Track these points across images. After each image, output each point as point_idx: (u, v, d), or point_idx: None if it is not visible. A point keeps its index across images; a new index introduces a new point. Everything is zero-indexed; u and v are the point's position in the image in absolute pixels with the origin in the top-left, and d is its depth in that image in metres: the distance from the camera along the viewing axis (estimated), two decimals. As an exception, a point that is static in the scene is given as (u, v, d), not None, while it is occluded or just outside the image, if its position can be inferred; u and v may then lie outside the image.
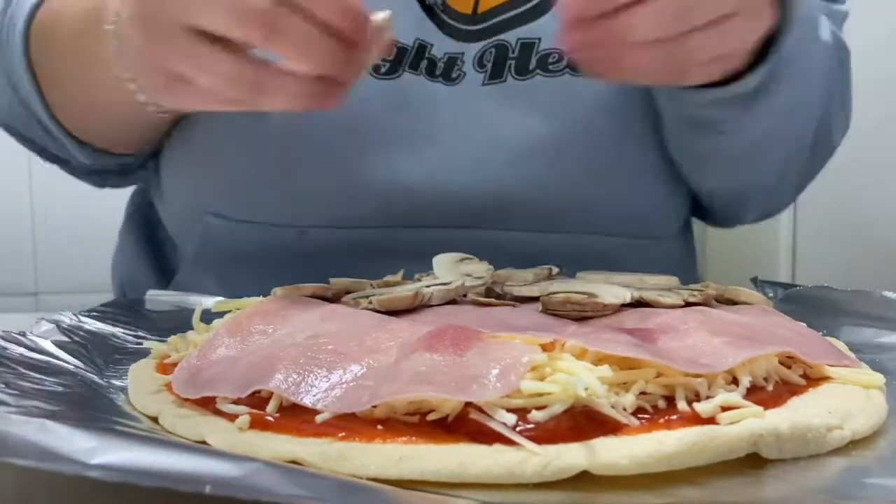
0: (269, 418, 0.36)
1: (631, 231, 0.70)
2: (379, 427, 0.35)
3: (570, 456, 0.32)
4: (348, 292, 0.50)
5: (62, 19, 0.61)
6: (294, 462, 0.33)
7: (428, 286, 0.49)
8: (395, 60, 0.65)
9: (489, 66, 0.66)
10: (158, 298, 0.64)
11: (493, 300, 0.50)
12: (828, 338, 0.47)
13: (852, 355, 0.45)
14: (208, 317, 0.49)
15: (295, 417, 0.36)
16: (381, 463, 0.33)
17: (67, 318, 0.53)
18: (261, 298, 0.50)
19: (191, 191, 0.72)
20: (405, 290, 0.48)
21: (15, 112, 0.67)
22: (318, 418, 0.35)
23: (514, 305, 0.49)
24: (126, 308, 0.60)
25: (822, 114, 0.69)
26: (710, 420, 0.35)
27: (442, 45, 0.66)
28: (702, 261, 1.16)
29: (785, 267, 1.16)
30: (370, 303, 0.47)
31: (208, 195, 0.70)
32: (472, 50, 0.66)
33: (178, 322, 0.56)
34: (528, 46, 0.66)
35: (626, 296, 0.47)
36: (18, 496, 0.34)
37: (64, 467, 0.30)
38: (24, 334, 0.48)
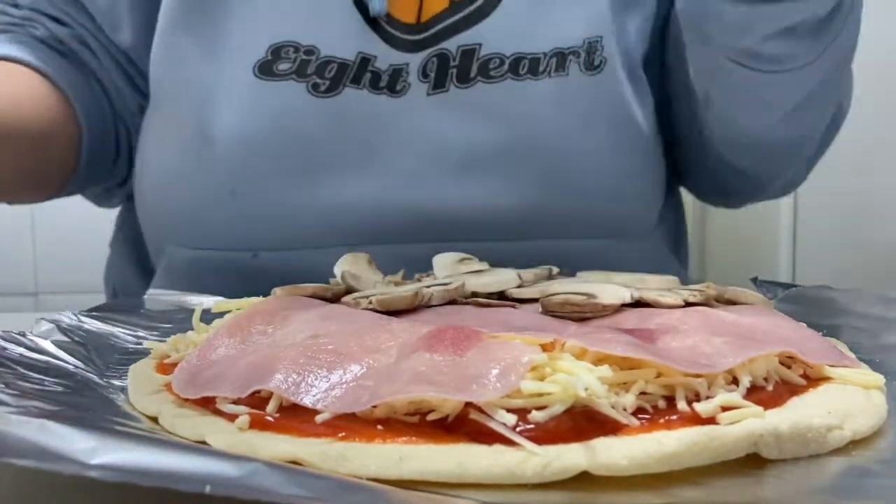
0: (269, 418, 0.36)
1: (596, 232, 0.70)
2: (379, 427, 0.35)
3: (571, 456, 0.32)
4: (348, 292, 0.50)
5: None
6: (294, 462, 0.33)
7: (428, 286, 0.49)
8: (334, 78, 0.64)
9: (432, 75, 0.65)
10: (158, 298, 0.64)
11: (492, 300, 0.50)
12: (828, 338, 0.47)
13: (852, 355, 0.45)
14: (208, 317, 0.49)
15: (295, 417, 0.36)
16: (381, 463, 0.33)
17: (67, 318, 0.53)
18: (261, 298, 0.50)
19: (149, 221, 0.74)
20: (405, 291, 0.48)
21: None
22: (318, 418, 0.35)
23: (513, 306, 0.49)
24: (126, 308, 0.60)
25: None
26: (710, 420, 0.35)
27: (386, 57, 0.65)
28: (701, 261, 1.17)
29: (785, 267, 1.16)
30: (370, 303, 0.47)
31: (164, 225, 0.72)
32: (416, 60, 0.65)
33: (178, 322, 0.56)
34: (469, 53, 0.65)
35: (626, 296, 0.47)
36: (18, 496, 0.34)
37: (64, 467, 0.30)
38: (23, 334, 0.48)
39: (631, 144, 0.70)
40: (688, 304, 0.47)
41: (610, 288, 0.48)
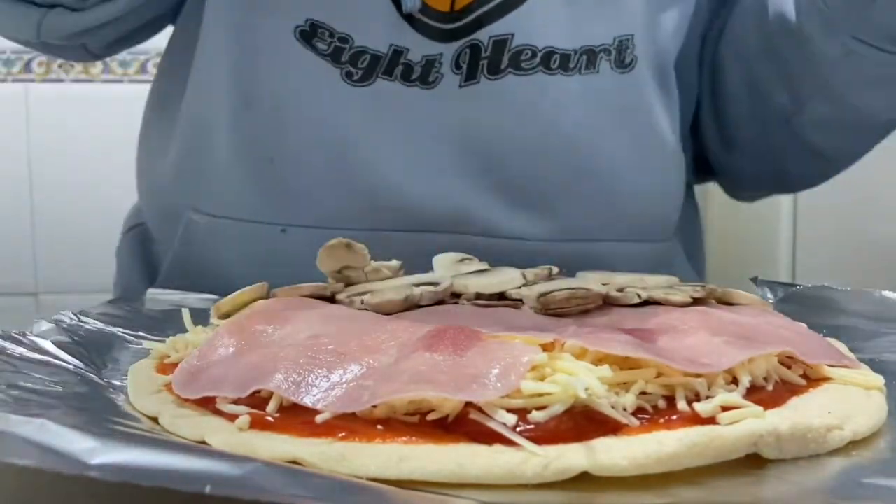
0: (269, 418, 0.36)
1: (623, 234, 0.69)
2: (379, 427, 0.35)
3: (571, 456, 0.32)
4: (348, 284, 0.51)
5: None
6: (294, 462, 0.33)
7: (417, 285, 0.49)
8: (367, 68, 0.64)
9: (465, 67, 0.65)
10: (158, 298, 0.64)
11: (492, 301, 0.50)
12: (828, 338, 0.47)
13: (852, 355, 0.45)
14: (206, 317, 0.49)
15: (295, 417, 0.36)
16: (381, 463, 0.33)
17: (67, 318, 0.53)
18: (250, 287, 0.50)
19: (174, 184, 0.71)
20: (396, 291, 0.48)
21: None
22: (318, 418, 0.35)
23: (513, 306, 0.49)
24: (126, 308, 0.60)
25: None
26: (710, 420, 0.35)
27: (419, 49, 0.64)
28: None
29: (785, 267, 1.16)
30: (362, 303, 0.47)
31: (191, 190, 0.69)
32: (449, 51, 0.65)
33: (178, 322, 0.56)
34: (500, 44, 0.64)
35: (633, 296, 0.47)
36: (18, 496, 0.34)
37: (64, 467, 0.30)
38: (24, 334, 0.48)
39: (652, 145, 0.69)
40: (696, 301, 0.47)
41: (612, 287, 0.48)
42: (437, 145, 0.66)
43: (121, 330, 0.55)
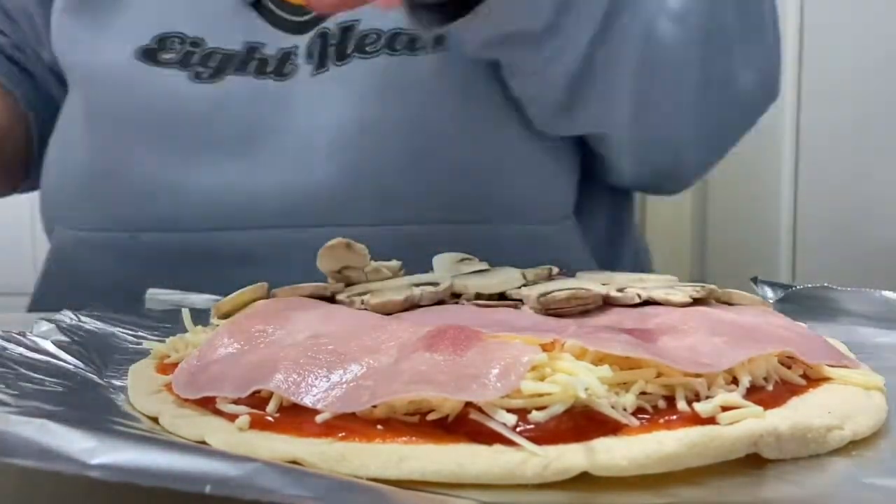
0: (269, 418, 0.36)
1: (482, 216, 0.67)
2: (379, 427, 0.35)
3: (571, 456, 0.32)
4: (349, 284, 0.51)
5: None
6: (294, 462, 0.33)
7: (417, 285, 0.49)
8: (217, 67, 0.65)
9: (316, 56, 0.65)
10: (158, 298, 0.64)
11: (492, 301, 0.50)
12: (828, 338, 0.47)
13: (852, 355, 0.45)
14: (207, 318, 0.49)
15: (295, 417, 0.36)
16: (381, 463, 0.33)
17: (67, 318, 0.53)
18: (250, 287, 0.50)
19: (42, 203, 0.76)
20: (396, 292, 0.48)
21: None
22: (318, 418, 0.35)
23: (513, 306, 0.49)
24: (126, 308, 0.60)
25: (702, 55, 0.65)
26: (710, 420, 0.35)
27: (275, 42, 0.65)
28: (702, 261, 1.16)
29: (785, 267, 1.16)
30: (363, 303, 0.47)
31: (51, 206, 0.74)
32: (303, 41, 0.65)
33: (178, 322, 0.56)
34: (347, 29, 0.65)
35: (633, 295, 0.47)
36: (18, 496, 0.34)
37: (64, 467, 0.30)
38: (24, 334, 0.48)
39: (517, 123, 0.67)
40: (696, 301, 0.47)
41: (612, 287, 0.48)
42: (285, 136, 0.66)
43: (121, 330, 0.55)
